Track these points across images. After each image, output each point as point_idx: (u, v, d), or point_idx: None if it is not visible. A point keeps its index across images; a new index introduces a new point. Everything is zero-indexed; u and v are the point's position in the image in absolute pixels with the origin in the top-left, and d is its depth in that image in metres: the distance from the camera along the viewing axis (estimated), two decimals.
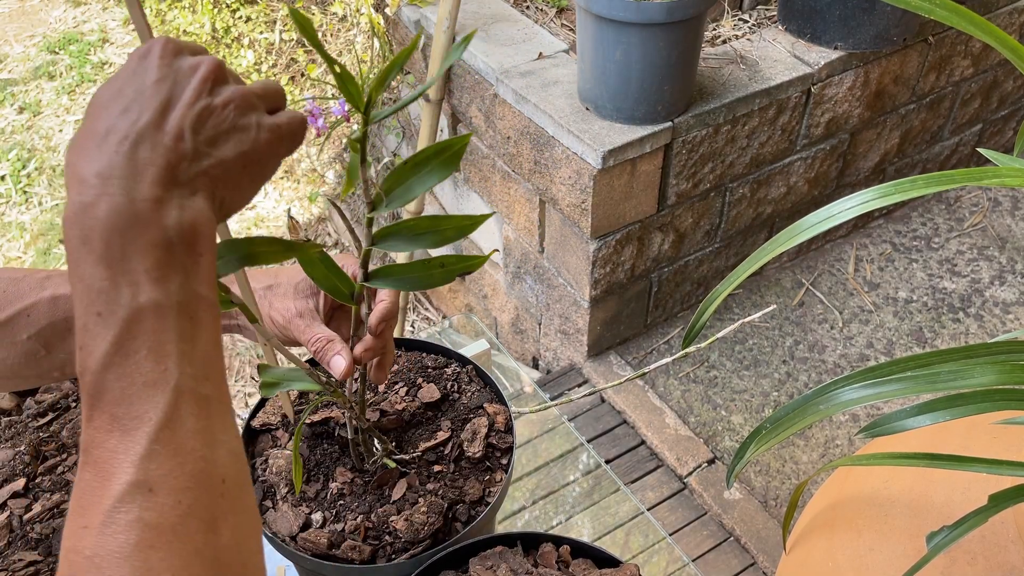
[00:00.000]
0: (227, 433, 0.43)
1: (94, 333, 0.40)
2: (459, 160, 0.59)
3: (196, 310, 0.42)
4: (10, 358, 0.62)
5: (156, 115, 0.42)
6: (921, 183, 0.66)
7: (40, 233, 2.90)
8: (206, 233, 0.43)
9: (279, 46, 2.74)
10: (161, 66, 0.44)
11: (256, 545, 0.43)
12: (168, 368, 0.40)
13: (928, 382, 0.67)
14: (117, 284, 0.40)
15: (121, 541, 0.37)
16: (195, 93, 0.44)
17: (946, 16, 0.69)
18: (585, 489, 1.31)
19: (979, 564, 0.79)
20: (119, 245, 0.40)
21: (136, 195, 0.40)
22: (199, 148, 0.43)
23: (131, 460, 0.38)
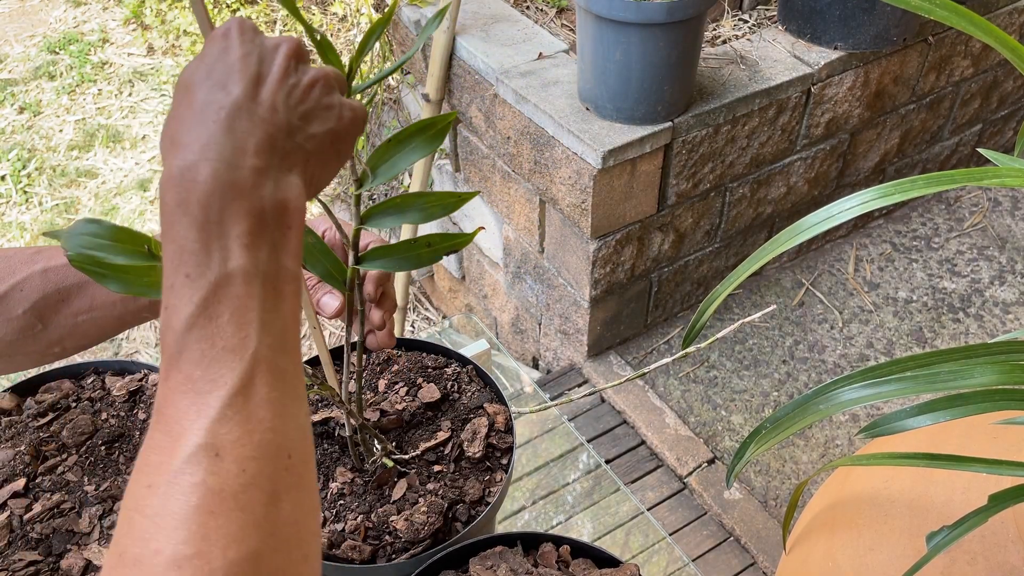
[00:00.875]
0: (298, 408, 0.42)
1: (181, 293, 0.40)
2: (444, 137, 0.59)
3: (281, 282, 0.43)
4: (8, 335, 0.62)
5: (249, 87, 0.43)
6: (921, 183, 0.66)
7: (40, 233, 2.90)
8: (297, 208, 0.44)
9: None
10: (244, 42, 0.45)
11: (315, 525, 0.42)
12: (249, 335, 0.40)
13: (928, 382, 0.67)
14: (209, 248, 0.40)
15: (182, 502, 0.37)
16: (283, 70, 0.45)
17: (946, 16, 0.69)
18: (585, 489, 1.31)
19: (979, 564, 0.79)
20: (217, 209, 0.40)
21: (238, 163, 0.41)
22: (292, 122, 0.44)
23: (202, 423, 0.39)
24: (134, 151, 3.15)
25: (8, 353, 0.64)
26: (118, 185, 3.04)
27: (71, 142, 3.16)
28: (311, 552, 0.41)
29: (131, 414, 0.87)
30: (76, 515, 0.77)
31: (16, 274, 0.62)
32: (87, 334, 0.66)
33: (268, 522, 0.39)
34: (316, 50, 0.52)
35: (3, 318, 0.62)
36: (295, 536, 0.40)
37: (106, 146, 3.16)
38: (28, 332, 0.63)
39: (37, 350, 0.64)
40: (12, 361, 0.65)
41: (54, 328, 0.63)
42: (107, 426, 0.85)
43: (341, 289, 0.65)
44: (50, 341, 0.64)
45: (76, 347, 0.66)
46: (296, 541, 0.40)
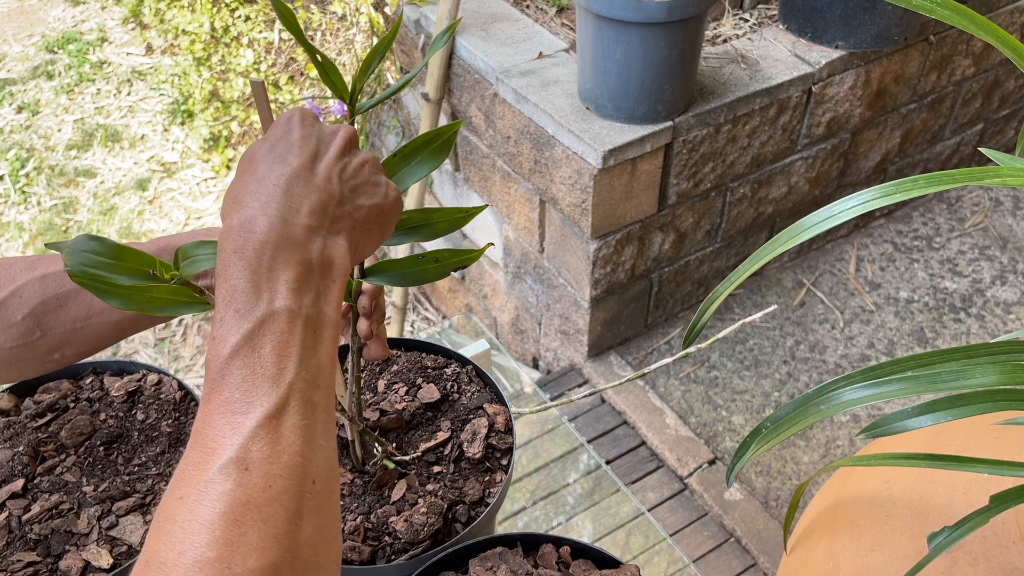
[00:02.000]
0: (326, 440, 0.46)
1: (229, 325, 0.44)
2: (450, 148, 0.59)
3: (321, 326, 0.47)
4: (8, 342, 0.63)
5: (308, 161, 0.50)
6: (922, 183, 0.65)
7: (39, 233, 2.90)
8: (341, 265, 0.49)
9: (278, 45, 2.74)
10: (304, 126, 0.52)
11: (335, 553, 0.44)
12: (287, 367, 0.44)
13: (929, 382, 0.67)
14: (259, 288, 0.45)
15: (209, 510, 0.40)
16: (339, 150, 0.52)
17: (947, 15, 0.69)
18: (585, 490, 1.31)
19: (980, 565, 0.78)
20: (269, 257, 0.45)
21: (292, 220, 0.47)
22: (344, 193, 0.51)
23: (236, 440, 0.42)
24: (133, 151, 3.15)
25: (8, 361, 0.64)
26: (117, 185, 3.04)
27: (70, 141, 3.15)
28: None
29: (130, 415, 0.87)
30: (75, 516, 0.77)
31: (15, 280, 0.63)
32: (86, 340, 0.66)
33: (289, 539, 0.41)
34: (317, 71, 0.53)
35: (2, 325, 0.62)
36: (313, 559, 0.42)
37: (105, 145, 3.16)
38: (27, 339, 0.63)
39: (37, 357, 0.65)
40: (13, 369, 0.65)
41: (53, 335, 0.64)
42: (106, 427, 0.85)
43: (345, 300, 0.65)
44: (49, 348, 0.64)
45: (76, 354, 0.66)
46: (314, 564, 0.42)
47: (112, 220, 2.94)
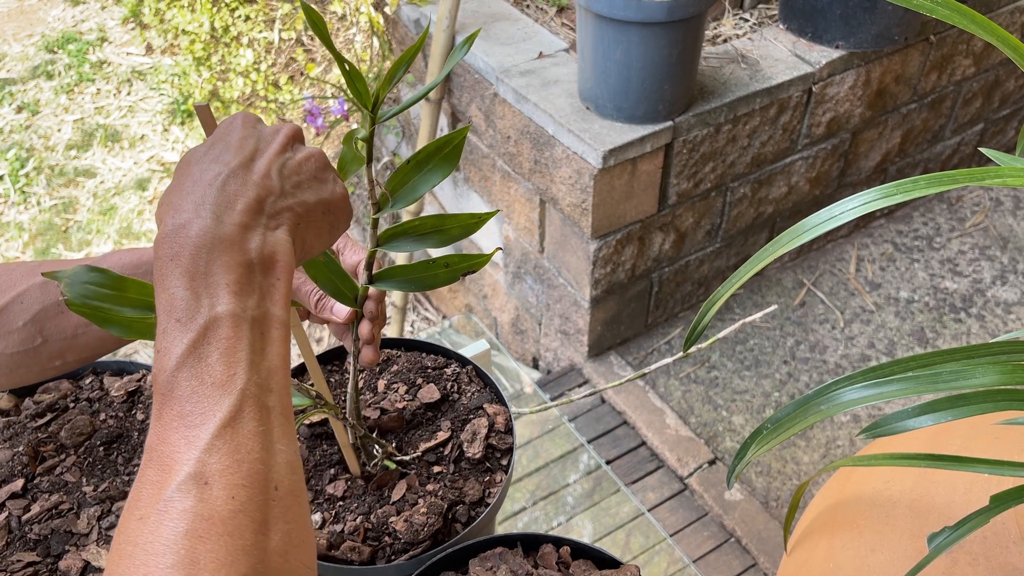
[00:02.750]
0: (285, 444, 0.44)
1: (172, 336, 0.43)
2: (460, 154, 0.59)
3: (268, 327, 0.45)
4: (9, 348, 0.62)
5: (245, 160, 0.48)
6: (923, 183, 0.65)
7: (39, 233, 2.90)
8: (284, 262, 0.47)
9: (278, 45, 2.74)
10: (246, 125, 0.51)
11: (307, 558, 0.43)
12: (237, 373, 0.43)
13: (929, 382, 0.67)
14: (198, 295, 0.43)
15: (171, 529, 0.38)
16: (280, 147, 0.50)
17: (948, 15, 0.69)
18: (585, 490, 1.31)
19: (980, 565, 0.78)
20: (205, 261, 0.44)
21: (225, 219, 0.45)
22: (284, 188, 0.49)
23: (192, 454, 0.40)
24: (132, 151, 3.15)
25: (9, 367, 0.63)
26: (116, 184, 3.04)
27: (69, 141, 3.15)
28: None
29: (129, 415, 0.87)
30: (74, 516, 0.77)
31: (16, 287, 0.62)
32: (87, 347, 0.66)
33: (258, 549, 0.40)
34: (344, 79, 0.53)
35: (4, 331, 0.62)
36: (285, 565, 0.41)
37: (104, 145, 3.16)
38: (28, 345, 0.63)
39: (38, 363, 0.64)
40: (14, 375, 0.65)
41: (54, 341, 0.63)
42: (105, 427, 0.85)
43: (351, 305, 0.65)
44: (51, 354, 0.64)
45: (77, 360, 0.66)
46: (286, 570, 0.41)
47: (112, 220, 2.94)
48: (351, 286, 0.64)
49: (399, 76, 0.55)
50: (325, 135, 2.81)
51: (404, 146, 2.50)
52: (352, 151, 0.57)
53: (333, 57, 0.51)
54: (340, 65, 0.52)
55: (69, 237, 2.90)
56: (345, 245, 0.72)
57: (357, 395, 0.72)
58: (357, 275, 0.70)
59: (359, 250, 0.71)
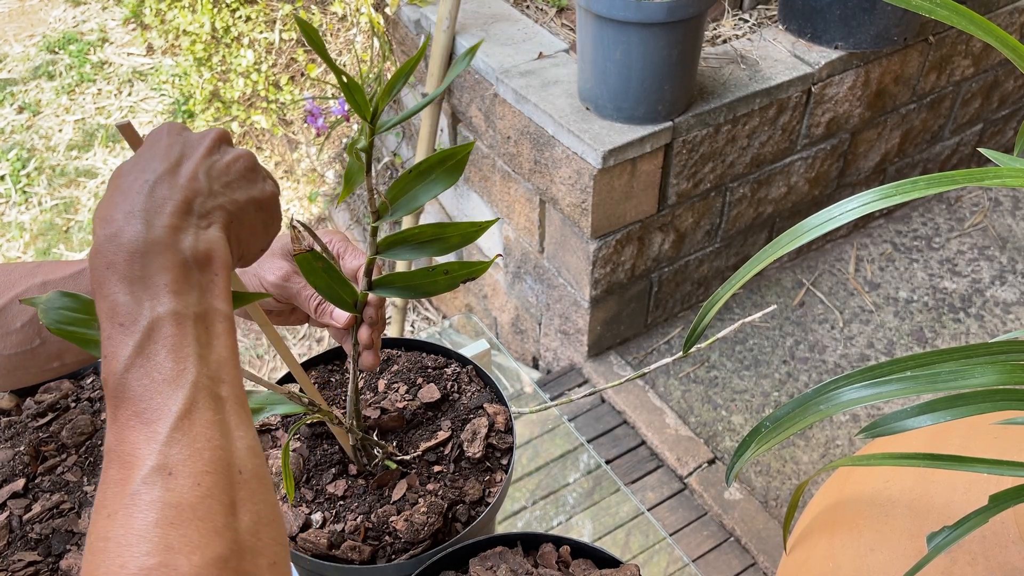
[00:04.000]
0: (244, 431, 0.45)
1: (117, 341, 0.43)
2: (463, 168, 0.59)
3: (212, 321, 0.46)
4: (7, 349, 0.62)
5: (171, 166, 0.49)
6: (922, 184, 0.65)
7: (40, 233, 2.90)
8: (220, 257, 0.48)
9: (279, 46, 2.74)
10: (171, 134, 0.52)
11: (278, 535, 0.44)
12: (187, 368, 0.43)
13: (928, 382, 0.67)
14: (139, 298, 0.44)
15: (141, 520, 0.39)
16: (206, 149, 0.51)
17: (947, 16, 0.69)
18: (585, 489, 1.31)
19: (980, 564, 0.79)
20: (140, 265, 0.44)
21: (155, 223, 0.46)
22: (213, 188, 0.50)
23: (152, 448, 0.41)
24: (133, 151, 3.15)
25: (7, 368, 0.63)
26: None
27: (70, 142, 3.15)
28: (279, 559, 0.43)
29: None
30: (75, 515, 0.77)
31: (15, 287, 0.62)
32: None
33: (229, 530, 0.41)
34: (342, 91, 0.53)
35: (2, 331, 0.62)
36: (257, 544, 0.42)
37: (105, 146, 3.16)
38: (27, 346, 0.63)
39: (36, 364, 0.64)
40: (12, 376, 0.65)
41: (53, 342, 0.63)
42: (106, 426, 0.85)
43: (351, 311, 0.66)
44: (49, 355, 0.64)
45: (75, 362, 0.66)
46: (260, 548, 0.42)
47: None
48: (350, 292, 0.65)
49: (398, 88, 0.55)
50: (326, 135, 2.81)
51: (404, 146, 2.51)
52: (357, 162, 0.57)
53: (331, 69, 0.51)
54: (338, 77, 0.52)
55: (70, 237, 2.91)
56: (346, 249, 0.72)
57: (357, 397, 0.72)
58: (357, 279, 0.70)
59: (359, 255, 0.71)
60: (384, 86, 0.54)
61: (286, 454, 0.64)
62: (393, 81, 0.54)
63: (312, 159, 2.98)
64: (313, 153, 2.97)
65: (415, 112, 0.56)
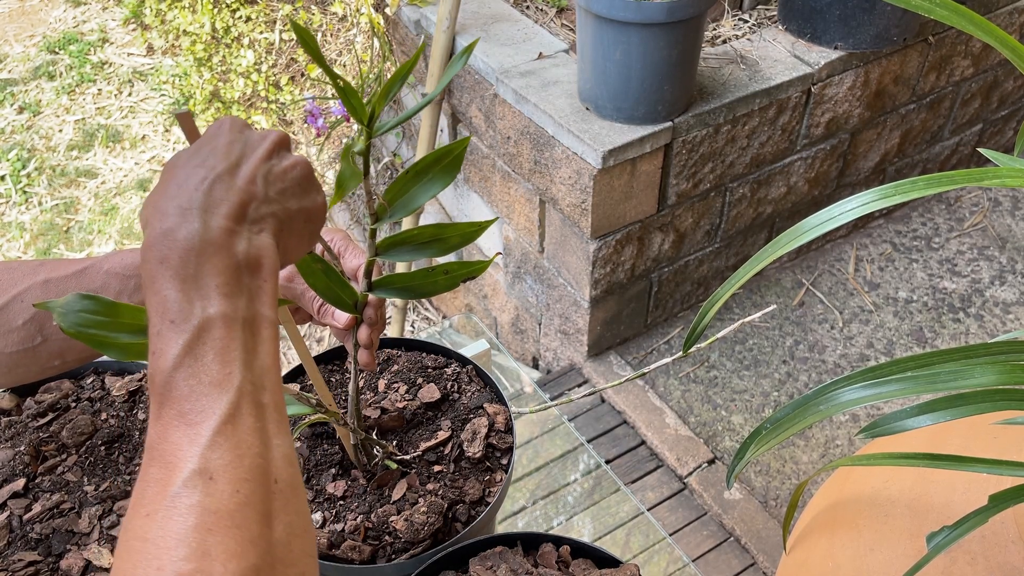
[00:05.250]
0: (281, 439, 0.45)
1: (167, 338, 0.43)
2: (460, 165, 0.59)
3: (259, 327, 0.47)
4: (9, 347, 0.62)
5: (231, 165, 0.49)
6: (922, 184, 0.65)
7: (40, 233, 2.90)
8: (270, 265, 0.48)
9: (279, 46, 2.74)
10: (232, 132, 0.51)
11: (309, 546, 0.45)
12: (232, 372, 0.44)
13: (928, 382, 0.67)
14: (190, 297, 0.44)
15: (180, 523, 0.39)
16: (266, 152, 0.51)
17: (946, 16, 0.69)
18: (585, 489, 1.31)
19: (979, 564, 0.79)
20: (194, 264, 0.44)
21: (211, 224, 0.46)
22: (268, 194, 0.50)
23: (195, 451, 0.41)
24: (134, 151, 3.15)
25: (8, 366, 0.63)
26: (118, 185, 3.04)
27: (71, 142, 3.16)
28: (308, 572, 0.44)
29: (131, 414, 0.87)
30: (76, 515, 0.77)
31: (18, 285, 0.62)
32: (87, 347, 0.65)
33: (263, 540, 0.41)
34: (338, 94, 0.53)
35: (4, 329, 0.62)
36: (289, 555, 0.42)
37: (106, 146, 3.16)
38: (28, 344, 0.63)
39: (37, 362, 0.64)
40: (13, 374, 0.65)
41: (54, 341, 0.63)
42: (107, 426, 0.85)
43: (351, 311, 0.66)
44: (50, 354, 0.64)
45: (77, 360, 0.66)
46: (291, 560, 0.43)
47: (113, 220, 2.94)
48: (350, 293, 0.65)
49: (395, 90, 0.55)
50: (326, 135, 2.81)
51: (404, 146, 2.51)
52: (351, 167, 0.57)
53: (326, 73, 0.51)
54: (333, 82, 0.52)
55: (70, 237, 2.91)
56: (347, 248, 0.72)
57: (358, 397, 0.72)
58: (357, 278, 0.70)
59: (360, 254, 0.72)
60: (381, 89, 0.54)
61: None
62: (389, 85, 0.55)
63: (312, 159, 2.98)
64: (313, 153, 2.97)
65: (413, 114, 0.56)
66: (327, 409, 0.69)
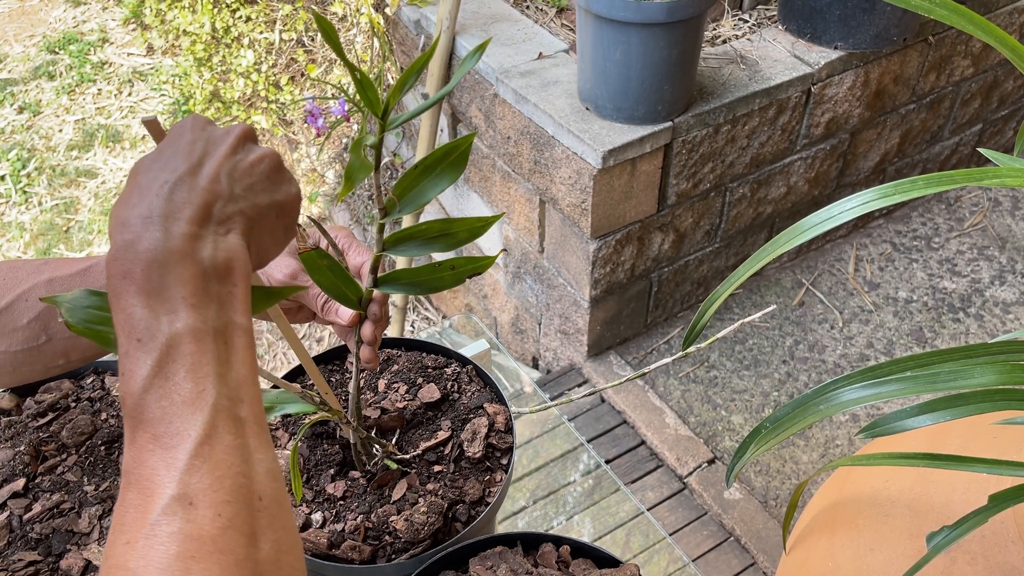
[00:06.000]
0: (263, 453, 0.44)
1: (135, 358, 0.42)
2: (466, 160, 0.59)
3: (231, 336, 0.45)
4: (13, 345, 0.62)
5: (192, 165, 0.47)
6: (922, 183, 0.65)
7: (40, 233, 2.90)
8: (240, 267, 0.46)
9: (279, 46, 2.74)
10: (195, 129, 0.49)
11: (296, 562, 0.44)
12: (206, 389, 0.42)
13: (928, 382, 0.67)
14: (156, 312, 0.42)
15: (162, 552, 0.38)
16: (230, 147, 0.49)
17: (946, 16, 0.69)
18: (585, 489, 1.31)
19: (979, 564, 0.79)
20: (158, 276, 0.43)
21: (173, 231, 0.44)
22: (235, 191, 0.48)
23: (172, 475, 0.40)
24: (133, 151, 3.15)
25: (13, 365, 0.63)
26: (117, 185, 3.04)
27: (71, 142, 3.16)
28: None
29: None
30: (76, 515, 0.77)
31: (22, 284, 0.62)
32: (91, 346, 0.66)
33: (250, 561, 0.40)
34: (355, 87, 0.53)
35: (8, 328, 0.62)
36: (278, 572, 0.42)
37: (105, 146, 3.16)
38: (33, 343, 0.63)
39: (41, 362, 0.64)
40: (17, 373, 0.65)
41: (59, 340, 0.63)
42: (107, 426, 0.85)
43: (355, 308, 0.66)
44: (54, 353, 0.64)
45: (80, 359, 0.66)
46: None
47: None
48: (355, 289, 0.65)
49: (410, 85, 0.55)
50: (326, 136, 2.81)
51: (404, 146, 2.51)
52: (359, 159, 0.57)
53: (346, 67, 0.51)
54: (352, 75, 0.52)
55: (70, 237, 2.91)
56: (350, 245, 0.72)
57: (359, 396, 0.72)
58: (361, 276, 0.70)
59: (363, 251, 0.72)
60: (395, 85, 0.55)
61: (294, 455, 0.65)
62: (404, 79, 0.55)
63: (312, 159, 2.98)
64: (313, 153, 2.97)
65: (425, 109, 0.56)
66: (330, 408, 0.69)
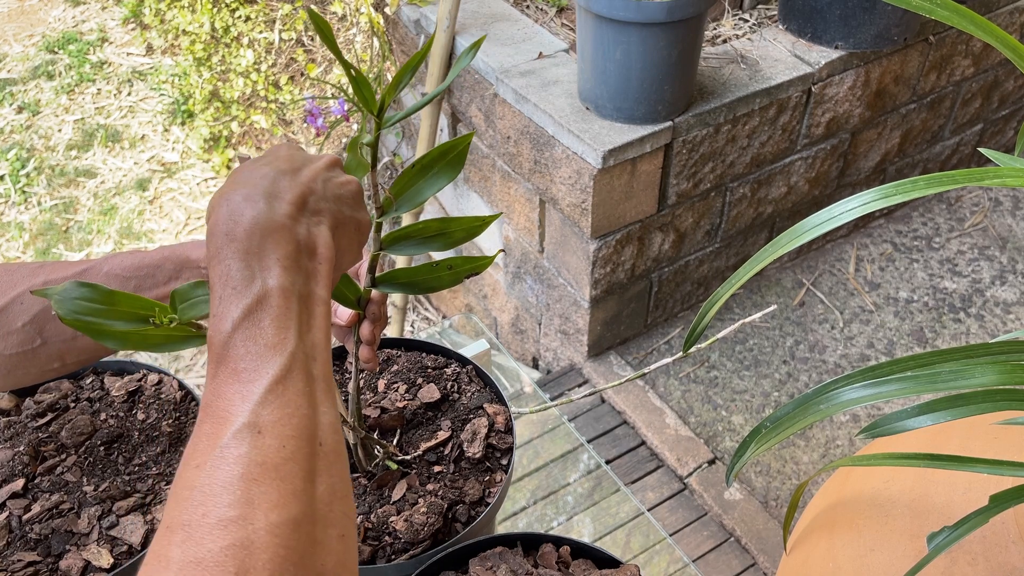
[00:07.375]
0: (328, 407, 0.48)
1: (228, 302, 0.46)
2: (464, 159, 0.59)
3: (313, 304, 0.49)
4: (8, 349, 0.62)
5: (293, 168, 0.53)
6: (922, 183, 0.65)
7: (39, 233, 2.90)
8: (325, 252, 0.52)
9: (278, 45, 2.74)
10: (291, 149, 0.56)
11: (349, 509, 0.46)
12: (287, 339, 0.46)
13: (929, 382, 0.67)
14: (252, 269, 0.47)
15: (227, 472, 0.41)
16: (324, 166, 0.55)
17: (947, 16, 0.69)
18: (585, 489, 1.31)
19: (980, 564, 0.79)
20: (259, 240, 0.48)
21: (276, 207, 0.50)
22: (325, 194, 0.54)
23: (246, 407, 0.44)
24: (133, 151, 3.15)
25: (8, 368, 0.63)
26: (117, 185, 3.04)
27: (70, 142, 3.15)
28: (347, 533, 0.45)
29: (130, 414, 0.87)
30: (75, 515, 0.77)
31: (17, 287, 0.62)
32: (86, 349, 0.66)
33: (306, 495, 0.43)
34: (350, 83, 0.54)
35: (3, 331, 0.62)
36: (330, 514, 0.44)
37: (105, 146, 3.16)
38: (28, 346, 0.63)
39: (36, 365, 0.64)
40: (12, 376, 0.65)
41: (54, 343, 0.63)
42: (106, 426, 0.85)
43: (353, 308, 0.66)
44: (50, 356, 0.64)
45: (76, 363, 0.66)
46: (332, 519, 0.44)
47: (112, 220, 2.94)
48: (354, 289, 0.65)
49: (405, 83, 0.55)
50: (325, 135, 2.81)
51: (404, 146, 2.51)
52: (357, 157, 0.57)
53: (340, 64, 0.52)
54: (347, 72, 0.52)
55: (70, 237, 2.90)
56: None
57: (359, 396, 0.72)
58: (359, 277, 0.70)
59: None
60: (390, 82, 0.55)
61: None
62: (399, 76, 0.55)
63: None
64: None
65: (420, 107, 0.56)
66: None
